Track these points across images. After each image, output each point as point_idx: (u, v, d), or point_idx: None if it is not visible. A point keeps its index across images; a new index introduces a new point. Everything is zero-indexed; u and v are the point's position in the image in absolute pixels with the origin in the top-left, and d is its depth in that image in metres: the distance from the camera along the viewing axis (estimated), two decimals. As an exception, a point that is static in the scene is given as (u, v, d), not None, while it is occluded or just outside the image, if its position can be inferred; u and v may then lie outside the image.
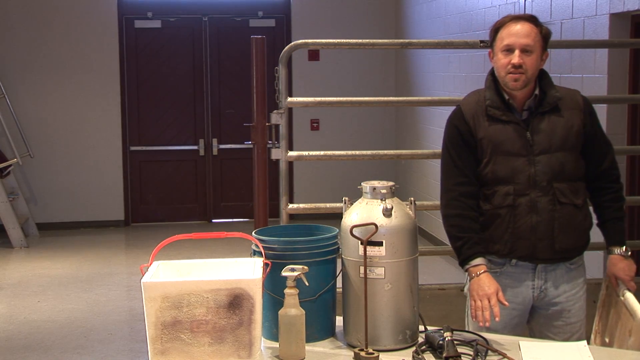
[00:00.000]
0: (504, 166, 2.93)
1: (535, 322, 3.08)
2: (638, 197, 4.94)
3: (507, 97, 2.95)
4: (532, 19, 2.91)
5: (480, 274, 2.85)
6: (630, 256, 3.06)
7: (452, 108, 3.15)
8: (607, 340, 3.01)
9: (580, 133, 2.96)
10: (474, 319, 2.83)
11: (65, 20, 9.02)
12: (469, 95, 3.08)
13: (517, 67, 2.85)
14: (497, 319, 2.78)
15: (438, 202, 3.17)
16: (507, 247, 2.95)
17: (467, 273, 2.93)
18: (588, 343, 2.63)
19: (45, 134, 9.05)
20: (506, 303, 2.82)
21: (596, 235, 4.87)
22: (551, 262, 2.98)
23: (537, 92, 2.95)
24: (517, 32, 2.87)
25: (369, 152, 4.58)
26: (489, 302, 2.79)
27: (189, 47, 9.41)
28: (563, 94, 2.98)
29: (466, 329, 2.87)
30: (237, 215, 9.54)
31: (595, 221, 3.11)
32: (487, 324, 2.78)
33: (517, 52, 2.86)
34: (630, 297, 2.91)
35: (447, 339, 2.48)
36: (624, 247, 3.04)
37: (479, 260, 2.89)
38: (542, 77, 2.97)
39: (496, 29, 2.93)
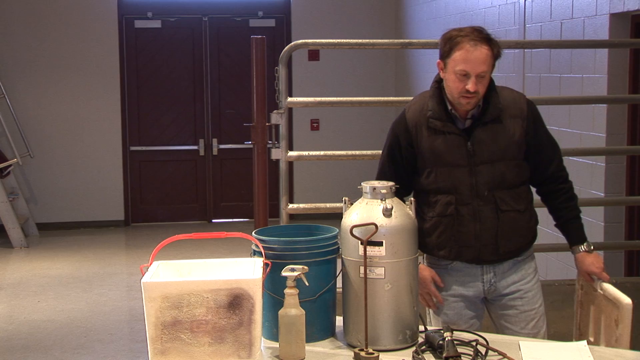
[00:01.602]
0: (445, 177, 2.97)
1: (493, 313, 3.15)
2: (638, 197, 4.94)
3: (450, 107, 2.96)
4: (488, 40, 2.88)
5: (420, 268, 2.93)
6: (593, 250, 3.09)
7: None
8: (592, 339, 3.01)
9: (522, 142, 2.97)
10: (422, 304, 2.97)
11: (65, 20, 9.02)
12: (415, 99, 3.10)
13: (472, 92, 2.85)
14: (441, 302, 3.02)
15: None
16: (453, 253, 3.02)
17: None
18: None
19: (45, 134, 9.05)
20: (441, 284, 3.02)
21: (597, 236, 4.85)
22: (497, 262, 3.05)
23: (480, 102, 2.95)
24: (476, 59, 2.83)
25: (369, 152, 4.58)
26: (427, 288, 3.00)
27: (188, 47, 9.41)
28: (507, 102, 2.97)
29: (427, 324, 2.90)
30: (237, 215, 9.54)
31: (552, 222, 3.16)
32: (434, 308, 3.04)
33: (473, 78, 2.84)
34: (608, 287, 2.95)
35: (447, 339, 2.48)
36: (586, 243, 3.08)
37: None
38: (488, 87, 2.95)
39: (451, 46, 2.86)
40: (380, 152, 3.45)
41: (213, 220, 9.55)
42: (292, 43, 4.19)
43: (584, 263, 3.07)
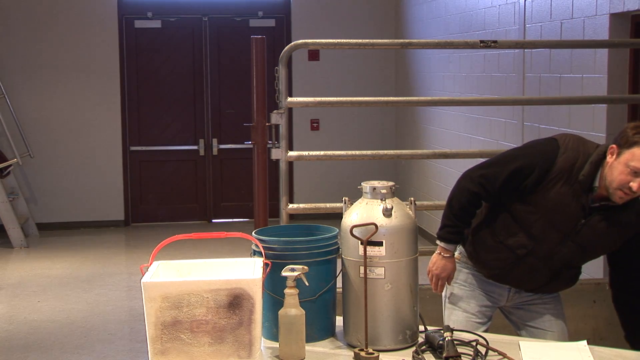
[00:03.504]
0: (541, 229, 2.94)
1: (515, 315, 3.19)
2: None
3: (597, 183, 2.87)
4: None
5: (445, 256, 3.05)
6: None
7: (453, 108, 3.16)
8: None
9: (630, 234, 2.95)
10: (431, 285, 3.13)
11: (65, 21, 9.02)
12: (574, 144, 2.93)
13: (633, 192, 2.78)
14: (439, 291, 3.15)
15: (438, 202, 3.20)
16: (489, 277, 3.13)
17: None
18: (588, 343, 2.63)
19: (46, 134, 9.05)
20: (449, 283, 3.13)
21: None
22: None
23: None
24: None
25: (369, 152, 4.58)
26: (438, 281, 3.08)
27: (189, 47, 9.40)
28: (637, 218, 2.92)
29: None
30: (237, 215, 9.54)
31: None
32: (439, 291, 3.14)
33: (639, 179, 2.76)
34: None
35: (447, 339, 2.48)
36: None
37: (452, 247, 3.06)
38: None
39: (636, 141, 2.76)
40: (380, 151, 3.48)
41: (213, 220, 9.55)
42: (292, 43, 4.19)
43: None
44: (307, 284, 2.52)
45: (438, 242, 3.06)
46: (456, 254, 3.13)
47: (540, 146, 2.99)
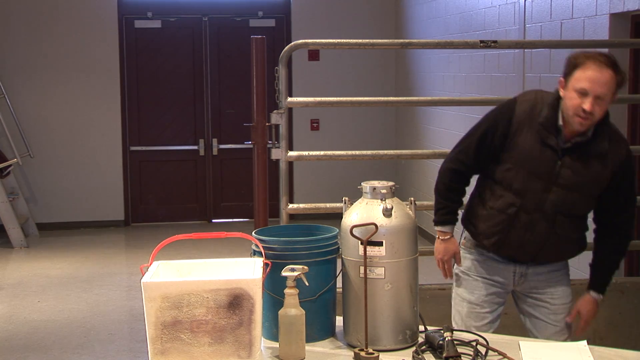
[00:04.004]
0: (522, 180, 3.01)
1: (522, 306, 3.23)
2: (638, 197, 4.93)
3: (561, 122, 2.95)
4: (614, 65, 2.86)
5: (443, 239, 3.20)
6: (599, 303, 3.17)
7: (453, 108, 3.18)
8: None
9: (604, 183, 3.01)
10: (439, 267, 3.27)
11: (65, 20, 9.02)
12: (529, 96, 3.06)
13: (587, 112, 2.84)
14: (449, 276, 3.27)
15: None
16: (493, 248, 3.14)
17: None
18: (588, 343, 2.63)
19: (46, 134, 9.05)
20: (460, 263, 3.21)
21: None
22: (532, 263, 3.17)
23: (590, 134, 2.95)
24: (597, 80, 2.82)
25: (369, 152, 4.58)
26: (444, 265, 3.22)
27: (188, 47, 9.40)
28: (611, 146, 2.98)
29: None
30: (237, 215, 9.54)
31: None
32: (449, 275, 3.25)
33: (590, 98, 2.83)
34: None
35: (447, 339, 2.48)
36: (602, 296, 3.15)
37: (448, 228, 3.20)
38: (602, 120, 2.95)
39: (576, 65, 2.87)
40: (380, 151, 3.51)
41: (213, 220, 9.55)
42: (292, 43, 4.19)
43: (585, 306, 3.13)
44: (307, 284, 2.52)
45: (435, 228, 3.20)
46: (461, 239, 3.24)
47: (499, 106, 3.14)
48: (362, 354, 2.47)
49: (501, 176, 3.04)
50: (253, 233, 2.75)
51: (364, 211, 2.62)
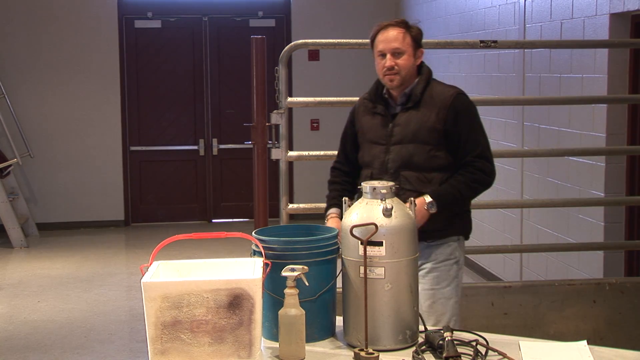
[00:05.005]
0: (367, 153, 3.31)
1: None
2: (638, 197, 4.94)
3: (384, 92, 3.29)
4: (401, 24, 3.22)
5: (329, 218, 3.36)
6: (431, 212, 3.15)
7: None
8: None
9: (436, 129, 3.18)
10: None
11: (65, 21, 9.02)
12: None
13: (390, 69, 3.18)
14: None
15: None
16: None
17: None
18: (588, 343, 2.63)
19: (46, 134, 9.05)
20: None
21: (597, 236, 4.84)
22: None
23: (407, 90, 3.24)
24: (387, 38, 3.20)
25: (369, 152, 4.55)
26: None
27: (189, 47, 9.41)
28: (434, 93, 3.23)
29: None
30: (237, 215, 9.55)
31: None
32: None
33: (388, 56, 3.19)
34: None
35: (447, 339, 2.48)
36: (433, 202, 3.14)
37: (332, 210, 3.38)
38: (421, 74, 3.26)
39: (373, 35, 3.24)
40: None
41: (213, 220, 9.55)
42: (292, 43, 4.20)
43: (419, 201, 3.11)
44: (307, 284, 2.52)
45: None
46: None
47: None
48: (362, 354, 2.47)
49: (358, 158, 3.38)
50: (253, 233, 2.75)
51: (364, 211, 2.62)
